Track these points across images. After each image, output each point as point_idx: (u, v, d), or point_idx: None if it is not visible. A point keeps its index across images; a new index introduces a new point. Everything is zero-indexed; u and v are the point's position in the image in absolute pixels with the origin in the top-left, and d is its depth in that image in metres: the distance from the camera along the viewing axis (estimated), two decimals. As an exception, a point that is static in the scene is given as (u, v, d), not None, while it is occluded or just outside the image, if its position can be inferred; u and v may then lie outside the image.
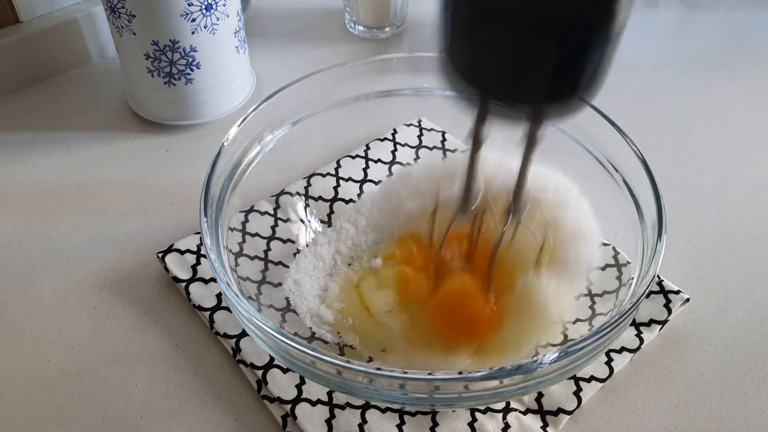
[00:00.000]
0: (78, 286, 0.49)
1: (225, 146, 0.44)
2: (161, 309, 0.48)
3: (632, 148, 0.43)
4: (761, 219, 0.54)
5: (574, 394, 0.42)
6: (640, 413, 0.42)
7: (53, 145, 0.61)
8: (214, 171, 0.42)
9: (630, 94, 0.67)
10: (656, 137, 0.62)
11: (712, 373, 0.44)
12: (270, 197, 0.51)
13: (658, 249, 0.38)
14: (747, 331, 0.46)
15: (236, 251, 0.45)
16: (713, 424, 0.42)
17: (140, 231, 0.53)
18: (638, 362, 0.44)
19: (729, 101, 0.66)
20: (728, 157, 0.60)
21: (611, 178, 0.46)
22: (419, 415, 0.41)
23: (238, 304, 0.36)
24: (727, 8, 0.80)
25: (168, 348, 0.45)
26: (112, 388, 0.43)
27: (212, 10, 0.55)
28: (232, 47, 0.59)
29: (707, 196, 0.56)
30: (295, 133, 0.50)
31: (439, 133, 0.58)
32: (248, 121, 0.46)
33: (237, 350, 0.44)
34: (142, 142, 0.61)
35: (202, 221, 0.40)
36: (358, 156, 0.56)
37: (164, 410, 0.42)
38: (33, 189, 0.57)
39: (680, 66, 0.71)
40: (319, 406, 0.41)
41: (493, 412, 0.41)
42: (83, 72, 0.69)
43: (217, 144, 0.44)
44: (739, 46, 0.74)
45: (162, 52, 0.56)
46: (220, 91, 0.61)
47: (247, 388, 0.43)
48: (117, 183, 0.57)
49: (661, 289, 0.47)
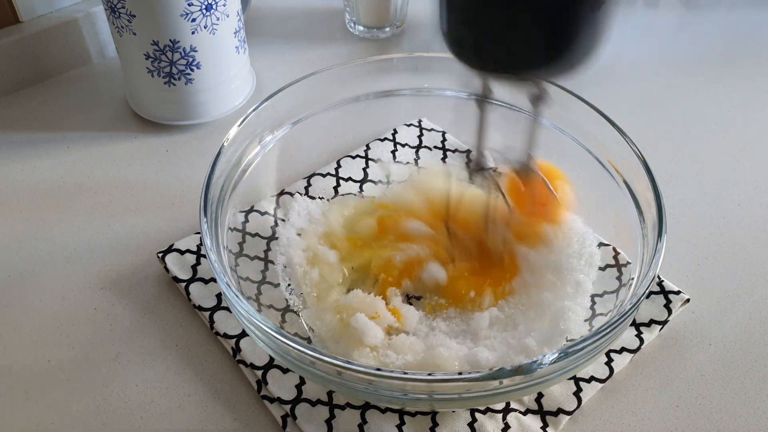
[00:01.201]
0: (78, 286, 0.49)
1: (225, 146, 0.44)
2: (161, 309, 0.48)
3: (632, 148, 0.43)
4: (761, 219, 0.54)
5: (574, 394, 0.42)
6: (640, 413, 0.42)
7: (53, 145, 0.61)
8: (215, 171, 0.42)
9: (630, 94, 0.67)
10: (656, 137, 0.62)
11: (712, 373, 0.44)
12: (270, 197, 0.51)
13: (659, 249, 0.38)
14: (747, 331, 0.46)
15: (236, 251, 0.45)
16: (713, 424, 0.42)
17: (140, 231, 0.53)
18: (638, 362, 0.44)
19: (729, 101, 0.66)
20: (728, 157, 0.60)
21: (611, 178, 0.46)
22: (419, 415, 0.41)
23: (238, 304, 0.36)
24: (727, 8, 0.80)
25: (168, 348, 0.45)
26: (112, 388, 0.43)
27: (212, 10, 0.55)
28: (232, 47, 0.59)
29: (707, 196, 0.56)
30: (295, 133, 0.50)
31: (440, 133, 0.58)
32: (248, 121, 0.46)
33: (237, 350, 0.44)
34: (142, 142, 0.61)
35: (202, 221, 0.40)
36: (359, 156, 0.56)
37: (164, 410, 0.42)
38: (33, 189, 0.57)
39: (680, 66, 0.71)
40: (319, 406, 0.41)
41: (493, 412, 0.41)
42: (83, 72, 0.69)
43: (217, 144, 0.44)
44: (739, 46, 0.74)
45: (162, 52, 0.56)
46: (220, 91, 0.61)
47: (247, 388, 0.43)
48: (117, 183, 0.57)
49: (661, 289, 0.47)
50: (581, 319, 0.43)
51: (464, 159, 0.56)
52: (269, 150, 0.49)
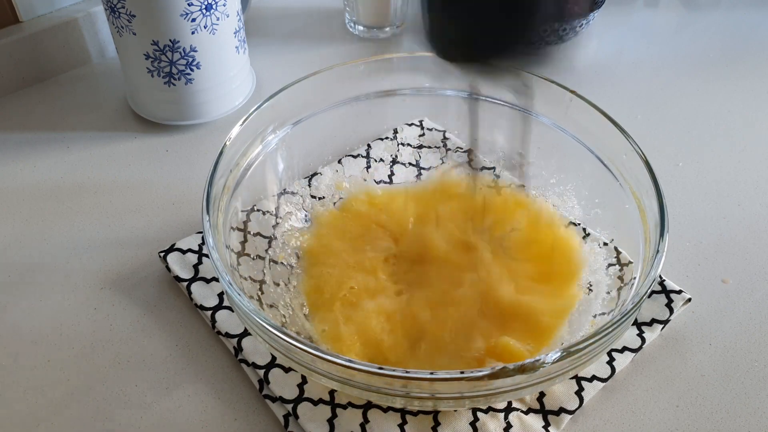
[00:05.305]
0: (78, 286, 0.49)
1: (227, 145, 0.44)
2: (162, 309, 0.48)
3: (634, 147, 0.43)
4: (761, 219, 0.54)
5: (576, 393, 0.42)
6: (640, 413, 0.42)
7: (53, 145, 0.61)
8: (216, 170, 0.42)
9: (630, 94, 0.67)
10: (656, 137, 0.62)
11: (712, 373, 0.44)
12: (272, 196, 0.51)
13: (661, 248, 0.38)
14: (747, 331, 0.46)
15: (238, 250, 0.45)
16: (713, 424, 0.42)
17: (140, 231, 0.53)
18: (639, 362, 0.44)
19: (729, 101, 0.66)
20: (728, 157, 0.60)
21: (613, 177, 0.46)
22: (421, 414, 0.41)
23: (241, 303, 0.36)
24: (727, 8, 0.80)
25: (169, 348, 0.45)
26: (112, 388, 0.43)
27: (212, 10, 0.55)
28: (232, 47, 0.59)
29: (708, 196, 0.56)
30: (296, 132, 0.50)
31: (441, 133, 0.58)
32: (250, 120, 0.46)
33: (239, 350, 0.44)
34: (142, 142, 0.61)
35: (205, 220, 0.40)
36: (360, 155, 0.56)
37: (164, 410, 0.42)
38: (33, 189, 0.57)
39: (680, 66, 0.71)
40: (321, 405, 0.41)
41: (495, 411, 0.41)
42: (83, 72, 0.69)
43: (217, 144, 0.44)
44: (739, 46, 0.74)
45: (162, 52, 0.56)
46: (220, 91, 0.61)
47: (249, 387, 0.43)
48: (117, 183, 0.57)
49: (662, 288, 0.47)
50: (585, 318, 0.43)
51: (465, 159, 0.56)
52: (271, 149, 0.49)
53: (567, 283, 0.46)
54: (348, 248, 0.49)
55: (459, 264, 0.47)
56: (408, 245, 0.49)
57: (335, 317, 0.44)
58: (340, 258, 0.48)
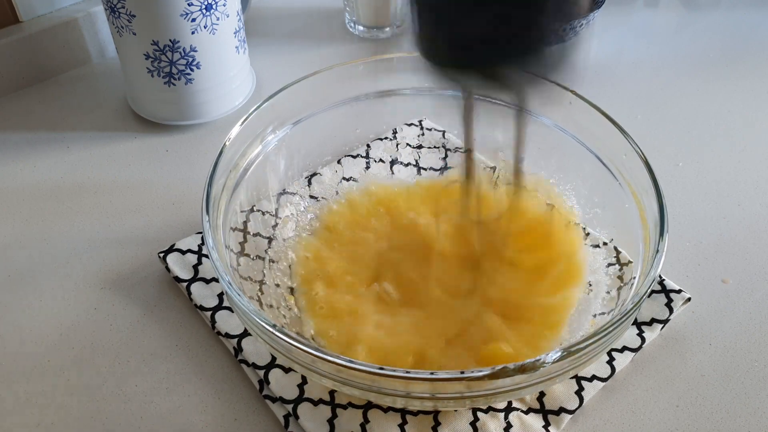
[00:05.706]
0: (78, 286, 0.49)
1: (227, 145, 0.44)
2: (162, 309, 0.48)
3: (634, 147, 0.43)
4: (761, 219, 0.54)
5: (576, 393, 0.42)
6: (640, 413, 0.42)
7: (53, 145, 0.61)
8: (216, 170, 0.42)
9: (630, 94, 0.67)
10: (656, 137, 0.62)
11: (712, 373, 0.44)
12: (271, 197, 0.51)
13: (660, 248, 0.38)
14: (747, 332, 0.46)
15: (238, 251, 0.45)
16: (713, 424, 0.42)
17: (140, 231, 0.53)
18: (639, 362, 0.44)
19: (729, 101, 0.66)
20: (728, 157, 0.60)
21: (613, 177, 0.46)
22: (421, 414, 0.41)
23: (241, 304, 0.36)
24: (727, 8, 0.80)
25: (169, 348, 0.45)
26: (112, 388, 0.43)
27: (212, 10, 0.55)
28: (232, 47, 0.59)
29: (708, 196, 0.56)
30: (296, 132, 0.50)
31: (440, 133, 0.58)
32: (250, 120, 0.46)
33: (238, 350, 0.44)
34: (142, 142, 0.61)
35: (204, 220, 0.40)
36: (359, 155, 0.56)
37: (164, 410, 0.42)
38: (33, 189, 0.57)
39: (680, 66, 0.71)
40: (321, 405, 0.41)
41: (495, 411, 0.41)
42: (83, 72, 0.69)
43: (217, 144, 0.44)
44: (739, 46, 0.74)
45: (162, 52, 0.56)
46: (220, 91, 0.61)
47: (249, 388, 0.43)
48: (117, 183, 0.57)
49: (662, 288, 0.47)
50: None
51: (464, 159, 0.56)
52: (270, 149, 0.48)
53: (567, 283, 0.46)
54: (348, 248, 0.49)
55: (459, 264, 0.47)
56: (408, 245, 0.49)
57: (335, 317, 0.44)
58: (340, 258, 0.48)
